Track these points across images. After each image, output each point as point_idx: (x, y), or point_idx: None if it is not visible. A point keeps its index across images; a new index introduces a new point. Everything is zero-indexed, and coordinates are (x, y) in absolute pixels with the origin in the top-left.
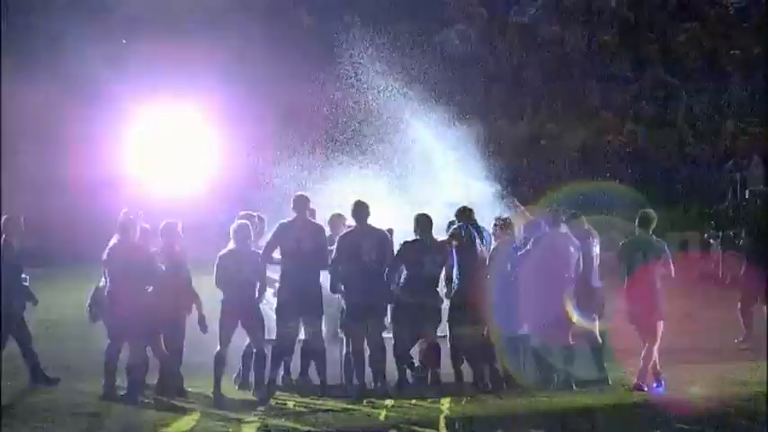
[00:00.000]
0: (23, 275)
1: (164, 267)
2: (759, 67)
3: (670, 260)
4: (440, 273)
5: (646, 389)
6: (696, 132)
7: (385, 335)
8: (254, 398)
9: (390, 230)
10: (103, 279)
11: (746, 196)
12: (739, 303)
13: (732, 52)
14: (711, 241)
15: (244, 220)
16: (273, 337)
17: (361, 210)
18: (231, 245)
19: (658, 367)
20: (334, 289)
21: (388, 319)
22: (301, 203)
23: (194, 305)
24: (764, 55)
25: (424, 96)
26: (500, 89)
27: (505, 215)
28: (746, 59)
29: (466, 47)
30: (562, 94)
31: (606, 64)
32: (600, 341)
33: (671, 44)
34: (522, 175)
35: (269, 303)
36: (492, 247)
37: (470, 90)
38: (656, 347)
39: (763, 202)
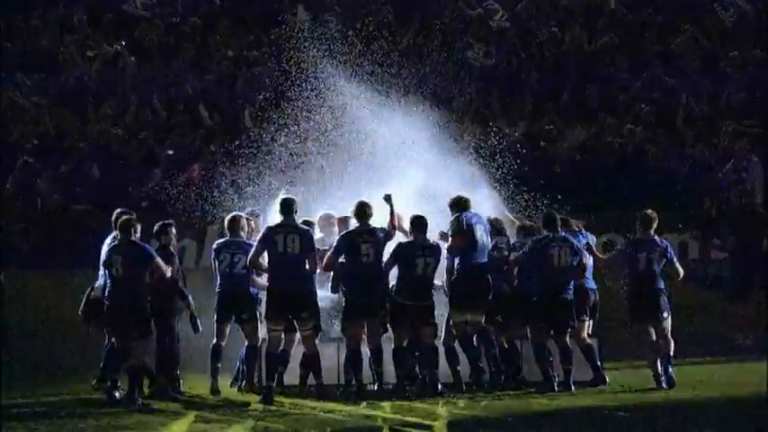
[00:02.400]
0: None
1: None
2: (758, 68)
3: (675, 260)
4: (434, 273)
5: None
6: (695, 134)
7: (385, 336)
8: (252, 399)
9: (388, 197)
10: (101, 279)
11: (731, 197)
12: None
13: (731, 54)
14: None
15: (237, 212)
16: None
17: (362, 210)
18: (226, 236)
19: (660, 369)
20: (334, 289)
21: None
22: (288, 207)
23: (184, 305)
24: (764, 56)
25: (423, 99)
26: (499, 90)
27: (494, 216)
28: (746, 61)
29: (467, 51)
30: (561, 95)
31: (605, 65)
32: (588, 342)
33: (670, 45)
34: (520, 177)
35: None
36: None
37: (470, 92)
38: (671, 346)
39: (747, 203)
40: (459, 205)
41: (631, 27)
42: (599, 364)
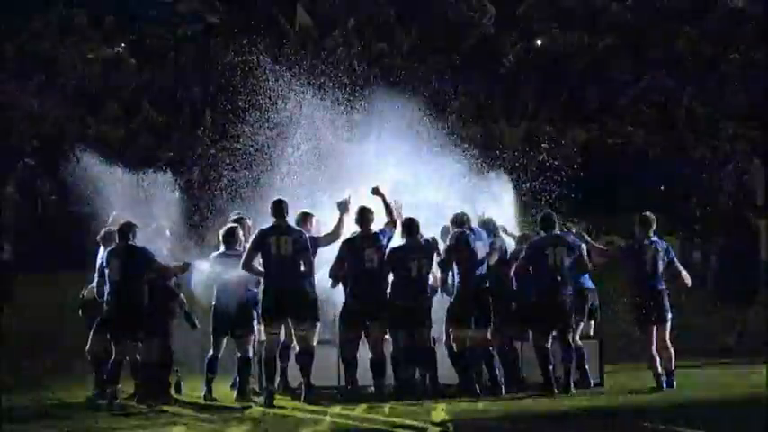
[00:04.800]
0: None
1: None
2: (759, 69)
3: (676, 260)
4: (428, 274)
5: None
6: (696, 135)
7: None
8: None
9: (376, 189)
10: (95, 282)
11: (718, 199)
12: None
13: (732, 56)
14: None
15: (233, 224)
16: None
17: (364, 215)
18: (221, 248)
19: (659, 369)
20: (334, 285)
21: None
22: (279, 209)
23: (177, 304)
24: (764, 58)
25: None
26: (500, 91)
27: (487, 216)
28: (746, 62)
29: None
30: (562, 96)
31: (606, 67)
32: (579, 344)
33: (671, 47)
34: (521, 179)
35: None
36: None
37: (470, 92)
38: (672, 356)
39: (735, 206)
40: (460, 222)
41: (632, 29)
42: (587, 367)
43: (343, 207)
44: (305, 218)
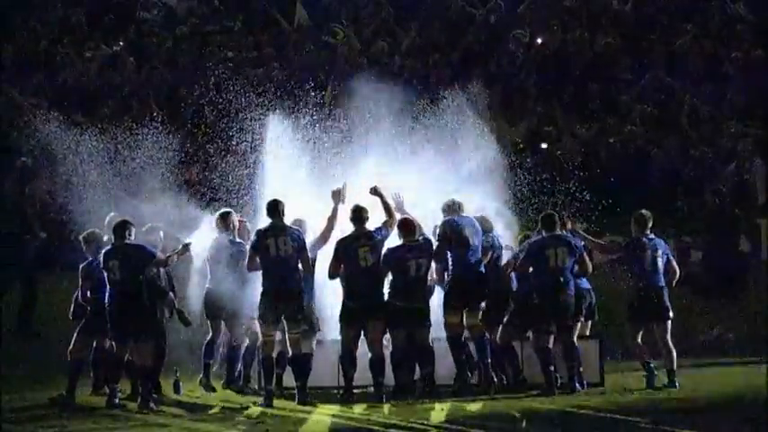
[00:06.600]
0: None
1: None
2: (761, 68)
3: (673, 259)
4: (427, 274)
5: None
6: (698, 134)
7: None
8: (251, 401)
9: (375, 188)
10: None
11: (705, 196)
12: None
13: (734, 55)
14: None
15: (226, 209)
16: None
17: (359, 214)
18: (216, 233)
19: (646, 357)
20: (332, 276)
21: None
22: (275, 208)
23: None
24: (766, 57)
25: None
26: (500, 89)
27: (481, 214)
28: (748, 61)
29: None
30: (562, 96)
31: (607, 66)
32: (574, 345)
33: (672, 46)
34: (521, 179)
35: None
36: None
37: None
38: (673, 356)
39: (720, 202)
40: (451, 209)
41: (634, 28)
42: (581, 369)
43: (337, 197)
44: (298, 224)
